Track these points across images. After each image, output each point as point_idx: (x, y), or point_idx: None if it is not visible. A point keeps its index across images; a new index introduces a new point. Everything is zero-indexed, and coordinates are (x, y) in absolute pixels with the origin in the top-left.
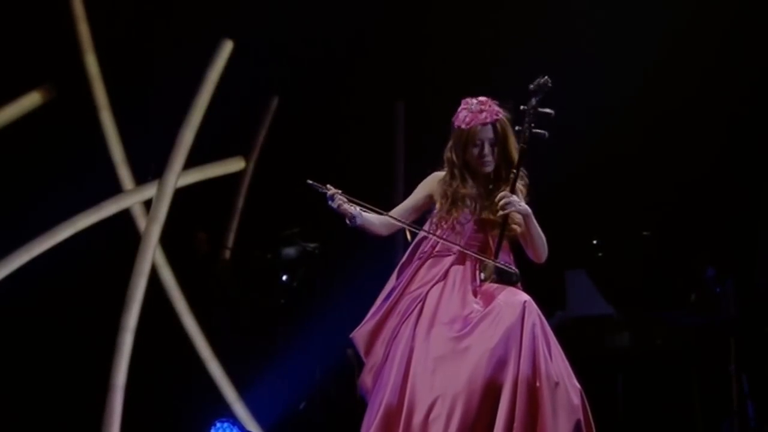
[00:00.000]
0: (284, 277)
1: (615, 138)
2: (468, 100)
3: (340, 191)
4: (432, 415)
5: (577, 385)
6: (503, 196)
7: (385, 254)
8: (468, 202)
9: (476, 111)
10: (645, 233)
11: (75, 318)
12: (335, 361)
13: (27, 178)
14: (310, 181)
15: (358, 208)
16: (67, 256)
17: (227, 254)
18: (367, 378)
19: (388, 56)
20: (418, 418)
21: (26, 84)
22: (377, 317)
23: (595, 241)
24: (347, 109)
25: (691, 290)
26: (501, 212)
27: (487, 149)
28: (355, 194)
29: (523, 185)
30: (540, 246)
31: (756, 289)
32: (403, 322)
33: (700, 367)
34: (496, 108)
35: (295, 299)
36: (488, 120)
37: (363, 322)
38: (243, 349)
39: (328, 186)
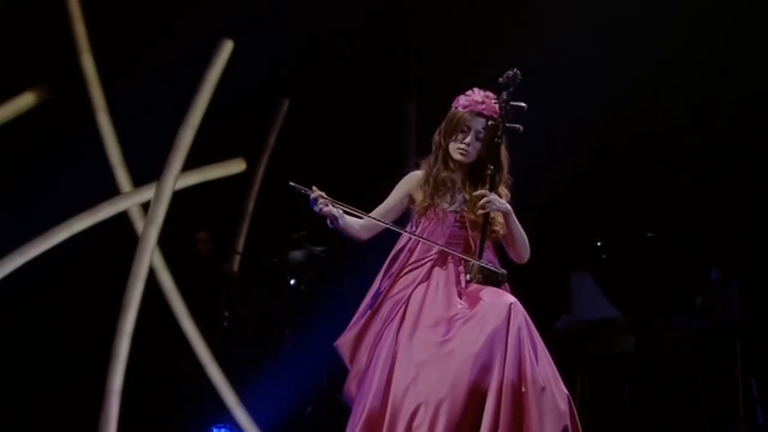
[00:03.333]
0: (292, 281)
1: (618, 138)
2: (476, 89)
3: (323, 193)
4: (415, 423)
5: (565, 390)
6: (483, 194)
7: None
8: (449, 185)
9: (477, 100)
10: (649, 234)
11: (71, 322)
12: (342, 366)
13: (22, 180)
14: (293, 183)
15: (340, 210)
16: (63, 259)
17: (237, 259)
18: (351, 385)
19: (400, 58)
20: (401, 426)
21: (22, 85)
22: (360, 323)
23: (599, 243)
24: (359, 111)
25: (696, 293)
26: (481, 211)
27: (470, 139)
28: (366, 196)
29: (505, 186)
30: (521, 246)
31: None
32: (386, 327)
33: (706, 372)
34: (495, 105)
35: (302, 302)
36: (485, 112)
37: (346, 329)
38: (249, 353)
39: (313, 188)
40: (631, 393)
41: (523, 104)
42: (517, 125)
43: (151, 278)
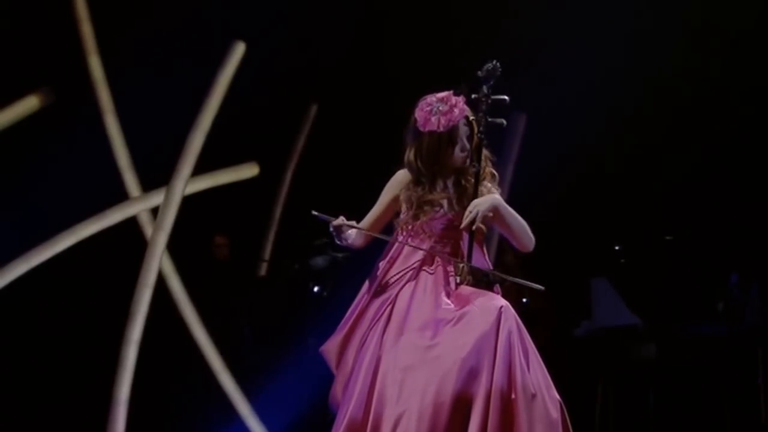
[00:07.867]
0: (315, 288)
1: (636, 141)
2: (428, 100)
3: (343, 218)
4: (398, 431)
5: (557, 397)
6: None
7: None
8: (436, 207)
9: (446, 111)
10: (668, 238)
11: (77, 330)
12: None
13: (28, 184)
14: (316, 212)
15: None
16: (70, 265)
17: (264, 265)
18: (338, 390)
19: (420, 60)
20: None
21: (29, 87)
22: (346, 327)
23: (617, 247)
24: (380, 114)
25: (718, 298)
26: (471, 225)
27: (466, 144)
28: None
29: (493, 181)
30: (520, 233)
31: None
32: (372, 328)
33: (729, 379)
34: (461, 102)
35: (326, 310)
36: (463, 116)
37: (332, 334)
38: (271, 362)
39: (341, 218)
40: (654, 401)
41: (504, 97)
42: (500, 120)
43: (160, 285)
